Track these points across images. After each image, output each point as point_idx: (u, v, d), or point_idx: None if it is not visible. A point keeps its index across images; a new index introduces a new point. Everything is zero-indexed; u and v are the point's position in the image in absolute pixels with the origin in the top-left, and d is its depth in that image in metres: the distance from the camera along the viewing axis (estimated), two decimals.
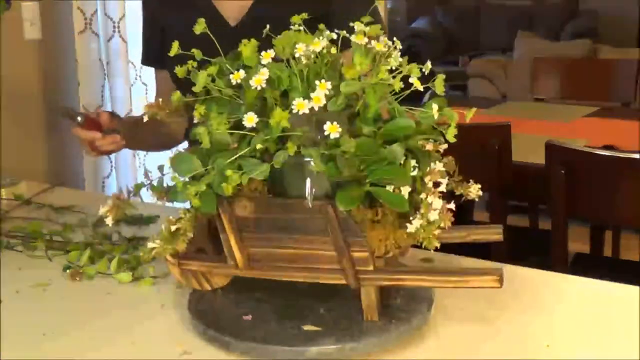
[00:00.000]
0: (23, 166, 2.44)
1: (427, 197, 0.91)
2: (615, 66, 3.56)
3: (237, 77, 0.93)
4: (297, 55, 0.92)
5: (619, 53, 4.89)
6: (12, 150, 2.44)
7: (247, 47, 0.95)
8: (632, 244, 3.27)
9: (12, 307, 1.11)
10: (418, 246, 0.95)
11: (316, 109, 0.88)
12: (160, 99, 1.04)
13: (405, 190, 0.91)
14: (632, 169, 1.91)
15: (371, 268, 0.93)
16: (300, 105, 0.88)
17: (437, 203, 0.91)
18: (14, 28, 2.50)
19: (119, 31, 2.59)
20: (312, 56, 0.92)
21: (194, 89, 0.96)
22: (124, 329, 1.03)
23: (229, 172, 0.88)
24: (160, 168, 0.99)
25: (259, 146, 0.90)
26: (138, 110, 2.39)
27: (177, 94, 0.99)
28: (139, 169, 2.86)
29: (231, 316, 0.99)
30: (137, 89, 2.69)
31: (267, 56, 0.93)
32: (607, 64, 3.79)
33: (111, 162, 2.77)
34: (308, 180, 0.91)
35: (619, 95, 3.39)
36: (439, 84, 0.93)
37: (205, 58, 0.99)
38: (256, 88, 0.91)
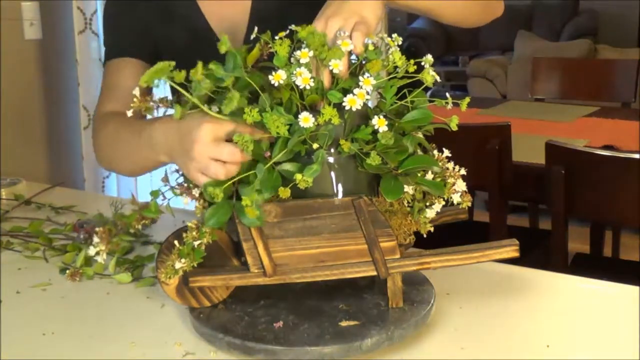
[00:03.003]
0: (23, 166, 2.45)
1: (448, 179, 0.95)
2: (615, 66, 3.56)
3: (277, 78, 0.89)
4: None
5: (619, 53, 4.89)
6: (12, 151, 2.44)
7: (282, 47, 0.91)
8: (632, 244, 3.28)
9: (12, 307, 1.11)
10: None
11: (360, 105, 0.89)
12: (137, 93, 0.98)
13: (430, 177, 0.94)
14: (632, 169, 1.91)
15: (398, 256, 0.95)
16: (352, 102, 0.88)
17: (461, 185, 0.94)
18: (14, 28, 2.50)
19: None
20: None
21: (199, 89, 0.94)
22: (124, 329, 1.02)
23: (293, 175, 0.87)
24: (154, 193, 0.96)
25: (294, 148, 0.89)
26: None
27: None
28: None
29: (252, 322, 0.96)
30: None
31: (304, 55, 0.90)
32: (607, 64, 3.79)
33: None
34: (334, 177, 0.92)
35: (619, 95, 3.39)
36: (427, 75, 0.93)
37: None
38: (292, 88, 0.90)
